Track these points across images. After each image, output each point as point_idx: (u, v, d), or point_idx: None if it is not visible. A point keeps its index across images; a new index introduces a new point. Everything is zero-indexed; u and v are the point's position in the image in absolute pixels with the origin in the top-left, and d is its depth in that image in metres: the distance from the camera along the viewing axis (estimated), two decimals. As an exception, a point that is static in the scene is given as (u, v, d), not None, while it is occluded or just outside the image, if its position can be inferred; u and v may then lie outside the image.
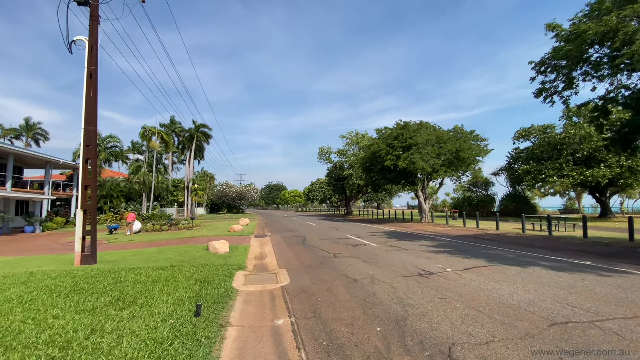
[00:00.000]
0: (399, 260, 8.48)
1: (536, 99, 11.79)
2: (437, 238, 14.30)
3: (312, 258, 9.28)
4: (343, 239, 13.93)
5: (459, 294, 5.22)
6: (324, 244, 12.49)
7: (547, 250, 10.36)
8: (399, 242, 12.67)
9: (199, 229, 21.01)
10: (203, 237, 15.32)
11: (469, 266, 7.48)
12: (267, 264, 8.85)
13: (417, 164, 22.02)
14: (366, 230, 18.70)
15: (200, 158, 57.52)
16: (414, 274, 6.80)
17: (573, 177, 26.76)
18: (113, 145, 39.05)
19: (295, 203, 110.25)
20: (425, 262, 8.04)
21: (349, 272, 7.12)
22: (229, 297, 5.32)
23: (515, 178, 33.52)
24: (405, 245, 11.62)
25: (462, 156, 23.85)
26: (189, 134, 48.31)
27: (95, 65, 9.12)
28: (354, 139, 41.91)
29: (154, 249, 11.51)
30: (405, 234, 16.40)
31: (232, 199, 57.98)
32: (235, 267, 7.79)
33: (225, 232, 18.06)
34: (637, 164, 24.38)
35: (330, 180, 45.12)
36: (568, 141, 27.86)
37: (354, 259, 8.85)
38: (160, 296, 5.28)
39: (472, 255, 9.20)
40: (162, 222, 22.47)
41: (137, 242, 14.38)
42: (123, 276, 6.83)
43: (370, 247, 11.09)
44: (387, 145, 23.86)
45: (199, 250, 10.86)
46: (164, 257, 9.48)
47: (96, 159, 8.86)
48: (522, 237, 15.01)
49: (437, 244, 11.78)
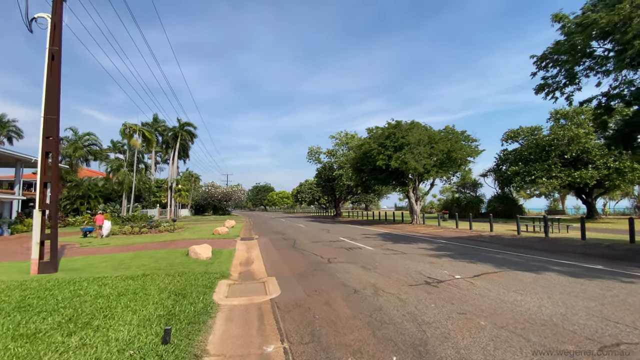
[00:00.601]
0: (400, 265, 7.73)
1: (536, 95, 11.34)
2: (433, 240, 13.69)
3: (304, 263, 8.43)
4: (335, 242, 13.14)
5: (479, 308, 4.49)
6: (316, 247, 11.65)
7: (549, 253, 9.86)
8: (395, 244, 11.97)
9: (180, 232, 19.83)
10: (184, 241, 14.24)
11: (478, 272, 6.81)
12: (254, 270, 7.95)
13: (409, 163, 21.48)
14: (358, 232, 17.97)
15: (184, 158, 55.79)
16: (421, 282, 6.05)
17: (561, 178, 26.87)
18: (91, 143, 37.12)
19: (283, 204, 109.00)
20: (429, 268, 7.32)
21: (347, 281, 6.32)
22: (208, 315, 4.43)
23: (503, 179, 33.58)
24: (403, 248, 10.92)
25: (453, 156, 23.49)
26: (173, 132, 46.63)
27: (58, 45, 8.03)
28: (343, 139, 41.28)
29: (127, 254, 10.42)
30: (400, 236, 15.75)
31: (218, 200, 56.37)
32: (217, 275, 6.87)
33: (209, 235, 16.99)
34: (624, 165, 24.61)
35: (319, 180, 44.31)
36: (556, 142, 28.00)
37: (350, 264, 8.06)
38: (124, 314, 4.34)
39: (476, 259, 8.55)
40: (141, 224, 21.12)
41: (111, 246, 13.19)
42: (84, 288, 5.82)
43: (365, 251, 10.32)
44: (379, 144, 23.26)
45: (178, 255, 9.85)
46: (137, 264, 8.45)
47: (57, 153, 7.77)
48: (519, 238, 14.59)
49: (435, 247, 11.14)
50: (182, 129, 46.85)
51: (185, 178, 58.41)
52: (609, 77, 9.81)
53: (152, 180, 49.33)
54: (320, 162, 44.00)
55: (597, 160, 25.84)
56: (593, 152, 26.09)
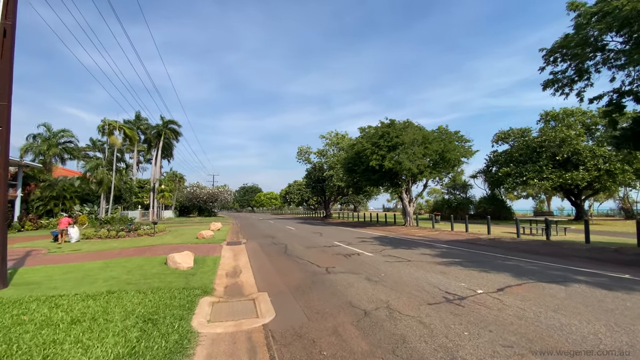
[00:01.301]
0: (409, 276, 6.86)
1: (544, 91, 10.74)
2: (432, 244, 12.94)
3: (299, 274, 7.45)
4: (331, 247, 12.20)
5: (525, 337, 3.63)
6: (310, 253, 10.68)
7: (558, 258, 9.24)
8: (396, 250, 11.13)
9: (162, 235, 18.51)
10: (165, 246, 13.03)
11: (500, 285, 6.00)
12: (242, 283, 6.93)
13: (403, 164, 20.80)
14: (352, 235, 17.10)
15: (168, 157, 53.84)
16: (439, 299, 5.18)
17: (552, 180, 26.81)
18: (67, 141, 34.98)
19: (270, 205, 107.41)
20: (443, 280, 6.47)
21: (353, 298, 5.38)
22: (183, 352, 3.42)
23: (494, 180, 33.45)
24: (405, 254, 10.08)
25: (447, 157, 22.97)
26: (156, 130, 44.77)
27: (12, 19, 6.81)
28: (333, 139, 40.43)
29: (97, 263, 9.19)
30: (397, 240, 14.96)
31: (203, 201, 54.57)
32: (198, 292, 5.83)
33: (192, 239, 15.78)
34: (614, 167, 24.68)
35: (309, 181, 43.29)
36: (547, 144, 27.94)
37: (352, 275, 7.13)
38: (70, 355, 3.28)
39: (488, 267, 7.78)
40: (119, 227, 19.64)
41: (82, 253, 11.86)
42: (30, 312, 4.69)
43: (365, 258, 9.43)
44: (372, 144, 22.48)
45: (155, 264, 8.71)
46: (106, 276, 7.29)
47: (7, 144, 6.54)
48: (519, 242, 14.03)
49: (439, 253, 10.34)
50: (166, 127, 45.05)
51: (169, 178, 56.36)
52: (622, 72, 9.27)
53: (133, 180, 47.21)
54: (310, 163, 43.03)
55: (587, 161, 25.87)
56: (584, 154, 26.11)
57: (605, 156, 25.69)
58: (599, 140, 27.47)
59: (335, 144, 40.02)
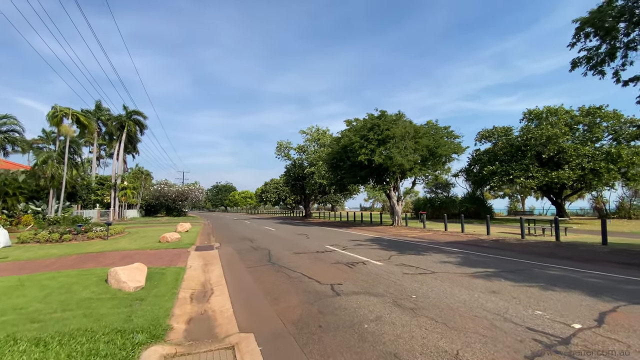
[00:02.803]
0: (451, 298, 4.96)
1: (572, 71, 9.33)
2: (440, 248, 11.25)
3: (296, 297, 5.33)
4: (324, 253, 10.14)
5: None
6: (302, 262, 8.57)
7: (590, 264, 7.91)
8: (404, 256, 9.26)
9: (118, 238, 15.66)
10: (117, 253, 10.43)
11: (589, 311, 4.24)
12: (213, 313, 4.74)
13: (394, 159, 19.16)
14: (343, 238, 15.13)
15: (133, 152, 49.49)
16: (531, 344, 3.29)
17: (538, 178, 26.39)
18: (10, 129, 30.50)
19: (245, 205, 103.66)
20: (504, 305, 4.62)
21: (396, 346, 3.36)
22: None
23: (478, 179, 32.87)
24: (419, 261, 8.22)
25: (438, 152, 21.66)
26: (118, 121, 40.56)
27: None
28: (314, 135, 38.33)
29: (10, 280, 6.58)
30: (397, 243, 13.18)
31: (172, 199, 50.56)
32: (143, 336, 3.60)
33: (154, 243, 13.19)
34: (599, 166, 24.52)
35: (288, 179, 40.84)
36: (533, 142, 27.54)
37: (372, 297, 5.13)
38: None
39: (542, 280, 6.07)
40: (65, 230, 16.46)
41: (7, 262, 9.05)
42: None
43: (375, 268, 7.46)
44: (361, 137, 20.64)
45: (91, 283, 6.26)
46: (8, 305, 4.82)
47: None
48: (529, 243, 12.73)
49: (459, 259, 8.58)
50: (129, 118, 40.97)
51: (134, 175, 51.72)
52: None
53: (92, 176, 42.61)
54: (290, 159, 40.52)
55: (572, 160, 25.63)
56: (569, 152, 25.87)
57: (589, 155, 25.59)
58: (580, 140, 27.44)
59: (317, 140, 37.97)
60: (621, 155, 23.99)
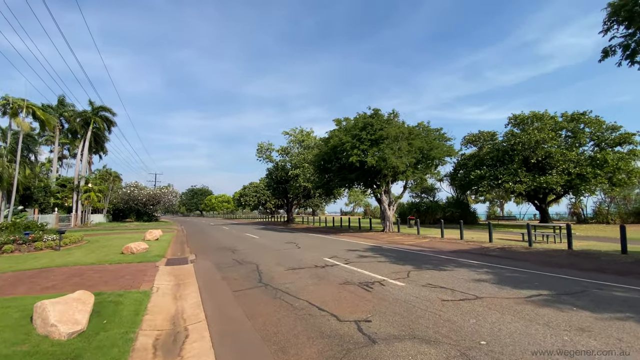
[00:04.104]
0: (535, 343, 3.48)
1: (601, 61, 8.35)
2: (454, 259, 9.89)
3: (311, 345, 3.63)
4: (324, 267, 8.48)
5: None
6: (302, 282, 6.87)
7: (624, 277, 6.71)
8: (423, 272, 7.76)
9: (72, 248, 13.30)
10: (65, 269, 8.27)
11: None
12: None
13: (389, 160, 17.87)
14: (338, 247, 13.51)
15: (100, 151, 45.66)
16: None
17: (526, 183, 26.12)
18: (-50, 123, 26.61)
19: (222, 209, 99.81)
20: (623, 355, 3.20)
21: None
22: None
23: (465, 184, 32.40)
24: (447, 280, 6.73)
25: (432, 155, 20.66)
26: (82, 118, 36.97)
27: None
28: (298, 136, 36.63)
29: None
30: (401, 253, 11.74)
31: (143, 203, 46.97)
32: None
33: (114, 255, 11.03)
34: (586, 171, 24.53)
35: (270, 182, 38.74)
36: (521, 147, 27.33)
37: (422, 344, 3.54)
38: None
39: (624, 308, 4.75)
40: (7, 238, 13.81)
41: None
42: None
43: (398, 291, 5.89)
44: (352, 136, 19.22)
45: (8, 323, 4.28)
46: None
47: None
48: (539, 252, 11.69)
49: (494, 277, 7.15)
50: (96, 115, 37.51)
51: (101, 176, 47.71)
52: None
53: (52, 177, 38.55)
54: (272, 161, 38.46)
55: (559, 165, 25.56)
56: (555, 157, 25.80)
57: (574, 160, 25.64)
58: (565, 146, 27.54)
59: (300, 142, 36.28)
60: (607, 160, 24.13)
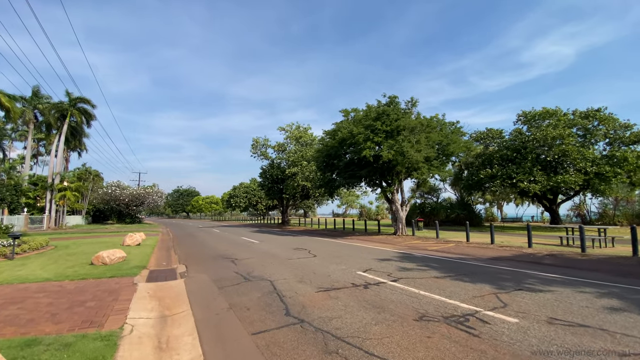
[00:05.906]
0: None
1: None
2: (522, 271, 7.78)
3: None
4: (369, 287, 6.20)
5: None
6: (356, 318, 4.57)
7: None
8: (511, 294, 5.57)
9: (31, 257, 10.63)
10: (6, 288, 5.73)
11: None
12: None
13: (407, 154, 15.76)
14: (362, 254, 11.19)
15: (79, 147, 42.22)
16: None
17: (542, 183, 24.49)
18: None
19: (210, 210, 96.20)
20: None
21: None
22: None
23: (473, 183, 30.65)
24: (563, 309, 4.55)
25: (449, 150, 18.70)
26: (58, 110, 33.65)
27: None
28: (294, 132, 34.27)
29: None
30: (448, 263, 9.57)
31: (125, 203, 43.60)
32: None
33: (82, 266, 8.50)
34: (605, 170, 23.05)
35: (264, 181, 36.14)
36: (534, 144, 25.72)
37: None
38: None
39: None
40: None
41: None
42: None
43: (520, 335, 3.66)
44: (366, 127, 16.99)
45: None
46: None
47: None
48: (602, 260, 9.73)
49: (621, 304, 5.05)
50: (74, 107, 34.23)
51: (79, 175, 44.15)
52: None
53: (22, 175, 35.00)
54: (268, 158, 35.82)
55: (577, 163, 24.04)
56: (572, 155, 24.30)
57: (590, 158, 24.19)
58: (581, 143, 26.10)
59: (297, 138, 33.92)
60: (627, 158, 22.74)
